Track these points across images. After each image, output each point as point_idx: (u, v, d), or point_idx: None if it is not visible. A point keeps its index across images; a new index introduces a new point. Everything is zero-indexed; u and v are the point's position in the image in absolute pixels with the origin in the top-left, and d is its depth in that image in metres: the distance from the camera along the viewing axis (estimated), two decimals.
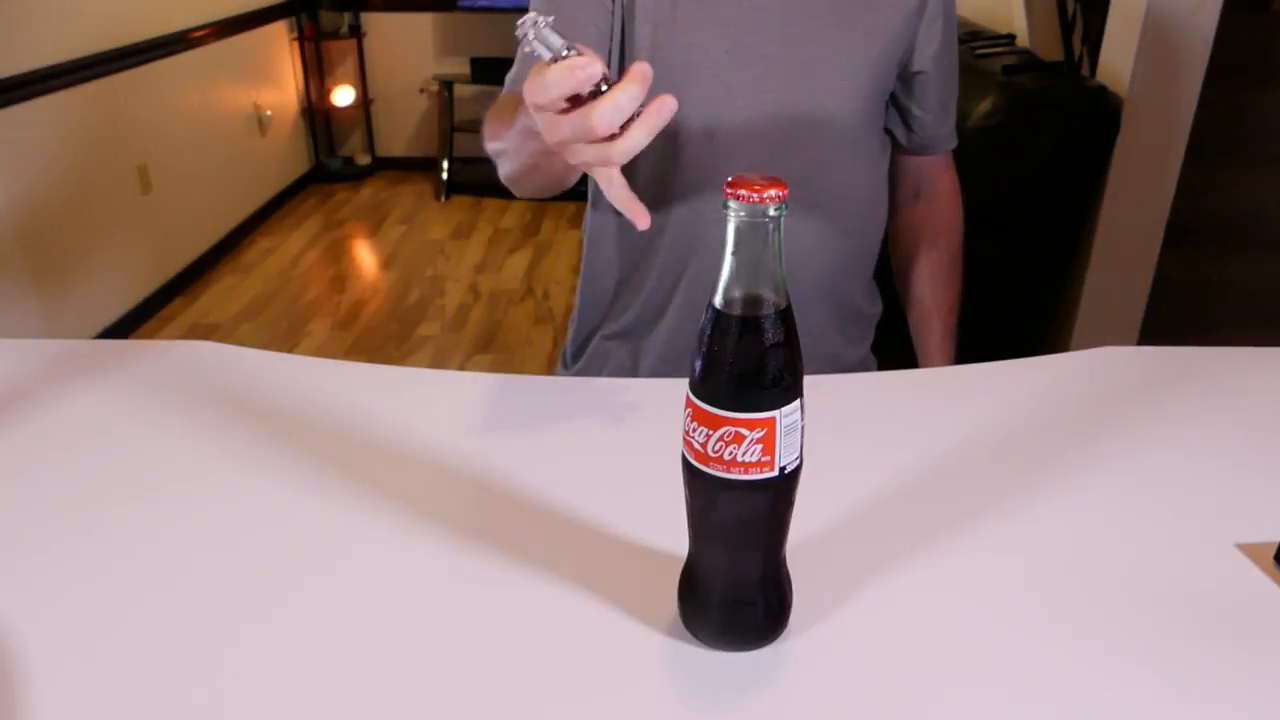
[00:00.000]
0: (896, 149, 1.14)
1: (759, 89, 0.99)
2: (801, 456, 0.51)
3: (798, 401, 0.49)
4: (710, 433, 0.49)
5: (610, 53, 1.01)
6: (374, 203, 4.42)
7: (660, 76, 0.96)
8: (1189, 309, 2.21)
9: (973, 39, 2.40)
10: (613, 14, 1.00)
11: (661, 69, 0.96)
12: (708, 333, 0.49)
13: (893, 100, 1.09)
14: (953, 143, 1.16)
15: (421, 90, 4.75)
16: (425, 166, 4.75)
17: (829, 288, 1.05)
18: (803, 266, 1.02)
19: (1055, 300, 2.15)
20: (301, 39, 4.49)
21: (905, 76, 1.07)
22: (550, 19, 0.59)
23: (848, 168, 1.03)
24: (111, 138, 3.02)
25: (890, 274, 1.23)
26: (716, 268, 0.48)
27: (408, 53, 4.68)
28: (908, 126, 1.12)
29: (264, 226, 4.09)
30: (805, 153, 1.00)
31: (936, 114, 1.11)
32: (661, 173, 1.02)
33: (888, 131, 1.12)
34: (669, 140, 1.01)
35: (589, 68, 0.59)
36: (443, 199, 4.43)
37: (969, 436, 0.76)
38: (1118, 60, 1.95)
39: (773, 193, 0.46)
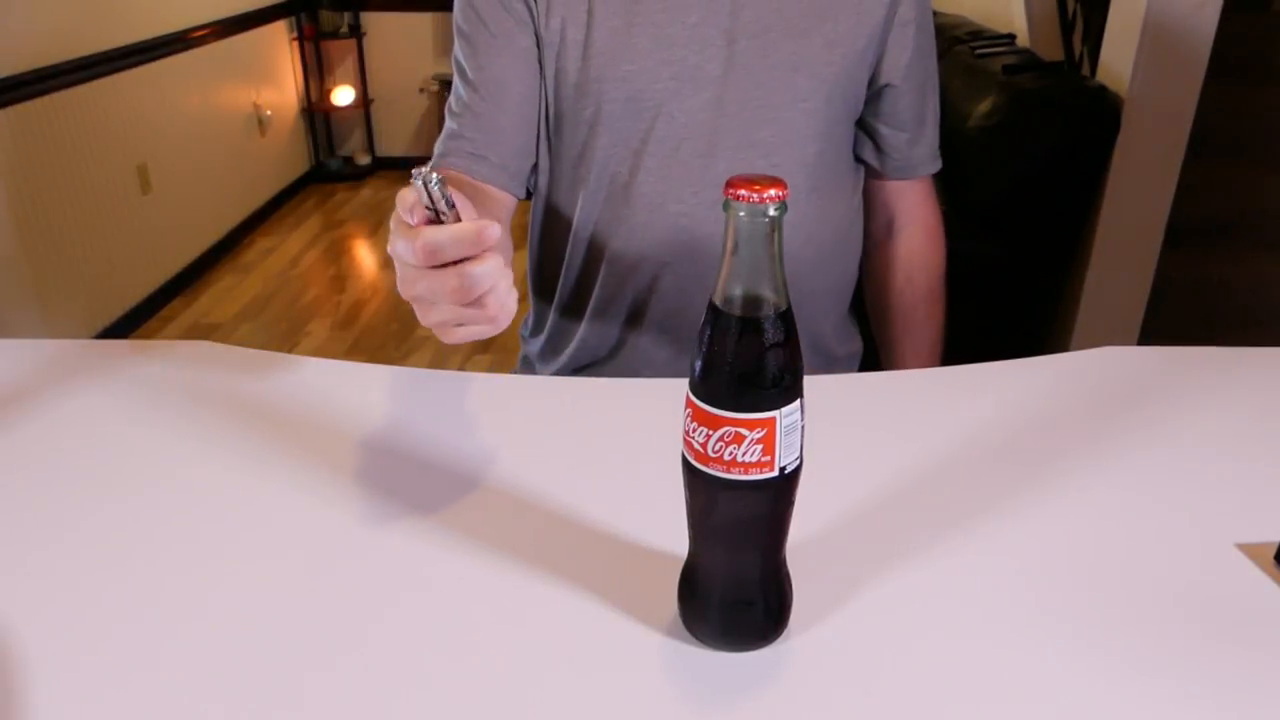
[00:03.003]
0: (869, 174, 1.04)
1: (707, 115, 0.90)
2: (801, 456, 0.51)
3: (798, 401, 0.49)
4: (710, 433, 0.49)
5: (544, 93, 0.94)
6: (374, 203, 4.42)
7: (592, 112, 0.91)
8: (1189, 309, 2.21)
9: (973, 39, 2.40)
10: (537, 48, 0.91)
11: (592, 104, 0.91)
12: (708, 333, 0.49)
13: (860, 119, 0.99)
14: (932, 166, 1.03)
15: (421, 90, 4.75)
16: None
17: None
18: None
19: (1055, 300, 2.15)
20: (301, 39, 4.49)
21: (873, 91, 0.97)
22: (440, 178, 0.56)
23: (810, 198, 0.94)
24: (111, 137, 3.02)
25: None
26: (666, 314, 0.47)
27: (408, 52, 4.68)
28: (878, 148, 1.00)
29: (264, 226, 4.09)
30: None
31: (911, 132, 0.99)
32: (605, 212, 0.95)
33: (859, 158, 1.02)
34: (609, 176, 0.93)
35: (489, 230, 0.55)
36: None
37: (969, 436, 0.76)
38: (1118, 60, 1.95)
39: (773, 192, 0.46)
